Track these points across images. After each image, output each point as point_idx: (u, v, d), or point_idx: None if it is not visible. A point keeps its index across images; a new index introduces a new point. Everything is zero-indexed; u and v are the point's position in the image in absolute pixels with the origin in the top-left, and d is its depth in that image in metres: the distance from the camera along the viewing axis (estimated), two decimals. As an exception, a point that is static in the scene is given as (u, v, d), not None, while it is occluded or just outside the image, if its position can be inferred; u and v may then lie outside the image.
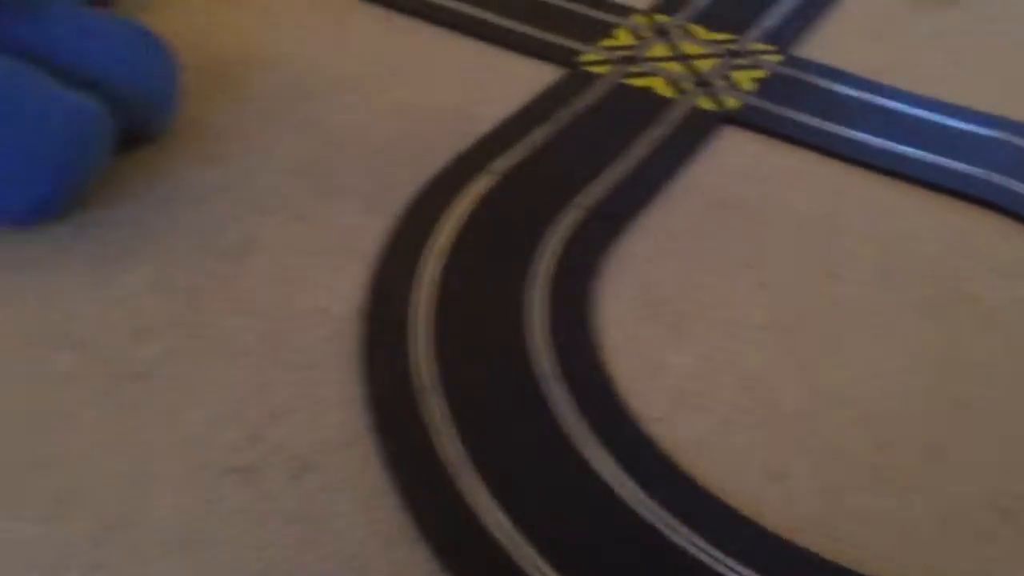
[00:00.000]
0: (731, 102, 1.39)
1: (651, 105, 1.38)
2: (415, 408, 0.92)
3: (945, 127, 1.38)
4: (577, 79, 1.42)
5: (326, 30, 1.52)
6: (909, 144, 1.33)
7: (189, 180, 1.19)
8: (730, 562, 0.81)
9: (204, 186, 1.18)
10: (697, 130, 1.34)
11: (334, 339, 0.99)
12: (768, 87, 1.43)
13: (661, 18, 1.59)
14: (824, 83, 1.46)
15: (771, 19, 1.61)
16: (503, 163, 1.24)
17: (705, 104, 1.39)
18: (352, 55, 1.44)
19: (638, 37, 1.53)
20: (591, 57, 1.47)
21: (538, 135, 1.30)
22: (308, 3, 1.59)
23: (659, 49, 1.50)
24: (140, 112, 1.18)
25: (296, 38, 1.48)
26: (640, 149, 1.29)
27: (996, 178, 1.28)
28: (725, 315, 1.06)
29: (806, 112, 1.38)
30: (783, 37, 1.56)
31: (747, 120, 1.36)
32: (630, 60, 1.47)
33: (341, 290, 1.05)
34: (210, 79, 1.36)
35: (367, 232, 1.12)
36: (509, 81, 1.42)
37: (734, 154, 1.31)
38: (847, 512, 0.87)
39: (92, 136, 1.08)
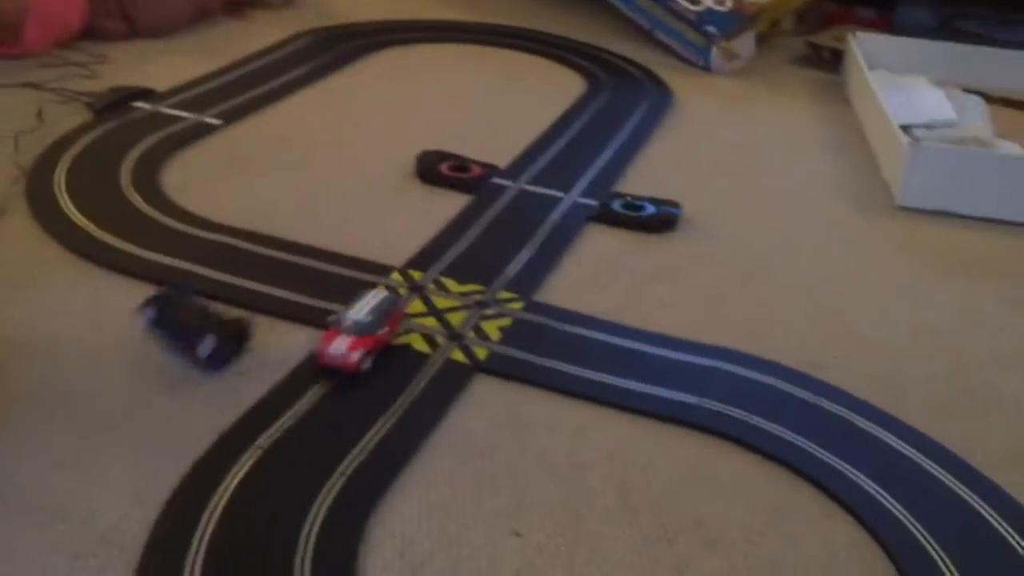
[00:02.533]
0: (481, 352, 1.53)
1: (409, 362, 1.49)
2: None
3: (670, 360, 1.56)
4: (338, 342, 1.52)
5: (82, 307, 1.56)
6: (642, 380, 1.50)
7: None
8: None
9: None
10: (451, 383, 1.46)
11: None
12: (513, 334, 1.58)
13: (415, 274, 1.73)
14: (563, 327, 1.62)
15: (513, 267, 1.78)
16: (268, 437, 1.30)
17: (458, 356, 1.51)
18: (106, 332, 1.48)
19: (395, 294, 1.66)
20: (351, 318, 1.58)
21: (303, 403, 1.38)
22: (60, 279, 1.63)
23: (415, 305, 1.64)
24: None
25: (53, 319, 1.51)
26: (400, 407, 1.39)
27: (715, 405, 1.45)
28: (480, 567, 1.15)
29: (549, 357, 1.54)
30: (524, 284, 1.73)
31: (496, 369, 1.50)
32: (388, 318, 1.59)
33: (106, 589, 1.07)
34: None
35: (132, 526, 1.15)
36: (271, 348, 1.50)
37: (486, 403, 1.43)
38: None
39: None
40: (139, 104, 2.29)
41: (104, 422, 1.32)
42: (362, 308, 1.48)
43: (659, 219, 2.00)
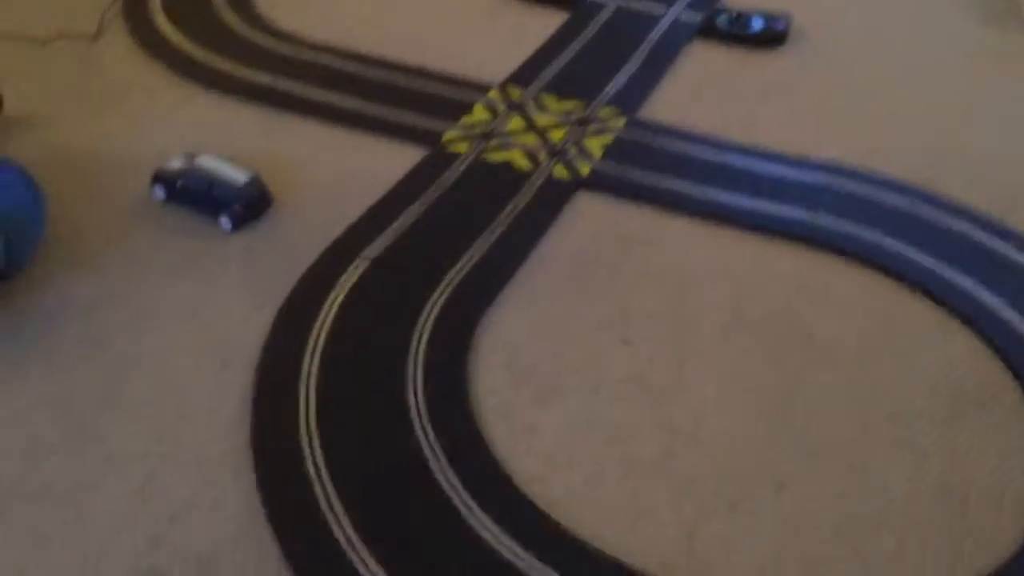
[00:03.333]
0: (583, 168, 1.50)
1: (510, 178, 1.48)
2: (306, 494, 0.98)
3: (778, 176, 1.51)
4: (439, 158, 1.51)
5: (184, 125, 1.57)
6: (748, 195, 1.46)
7: (71, 292, 1.23)
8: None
9: (87, 297, 1.23)
10: (554, 198, 1.44)
11: (226, 436, 1.05)
12: (616, 151, 1.54)
13: (514, 91, 1.69)
14: (667, 143, 1.58)
15: (615, 85, 1.73)
16: (375, 248, 1.31)
17: (560, 173, 1.49)
18: (218, 151, 1.49)
19: (494, 112, 1.63)
20: (451, 135, 1.56)
21: (406, 218, 1.38)
22: (161, 97, 1.64)
23: (514, 122, 1.61)
24: (12, 244, 1.20)
25: (161, 138, 1.53)
26: (503, 221, 1.38)
27: (826, 220, 1.41)
28: (589, 374, 1.16)
29: (653, 172, 1.50)
30: (627, 101, 1.68)
31: (599, 184, 1.47)
32: (488, 136, 1.57)
33: (229, 387, 1.10)
34: (77, 190, 1.40)
35: (251, 327, 1.18)
36: (374, 166, 1.49)
37: (589, 219, 1.42)
38: (706, 541, 0.97)
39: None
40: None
41: (215, 233, 1.34)
42: None
43: (767, 34, 1.90)
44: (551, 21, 1.94)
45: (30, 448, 1.03)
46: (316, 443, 1.03)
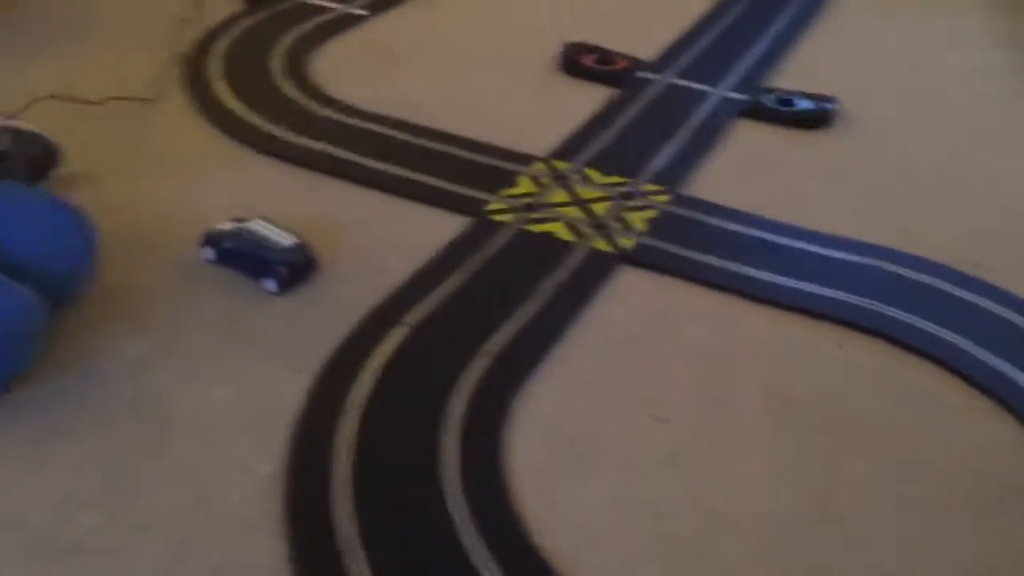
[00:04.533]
0: (626, 243, 1.51)
1: (552, 249, 1.49)
2: (338, 566, 0.97)
3: (824, 257, 1.51)
4: (483, 228, 1.53)
5: (235, 188, 1.60)
6: (792, 276, 1.45)
7: (119, 349, 1.25)
8: None
9: (133, 354, 1.24)
10: (595, 272, 1.45)
11: (260, 499, 1.05)
12: (659, 226, 1.55)
13: (559, 164, 1.71)
14: (711, 220, 1.58)
15: (659, 161, 1.74)
16: (416, 315, 1.32)
17: (602, 246, 1.50)
18: (268, 214, 1.52)
19: (539, 184, 1.65)
20: (496, 206, 1.58)
21: (448, 285, 1.39)
22: (215, 160, 1.68)
23: (558, 195, 1.62)
24: (59, 284, 1.23)
25: (213, 200, 1.56)
26: (543, 293, 1.39)
27: (866, 303, 1.40)
28: (626, 451, 1.15)
29: (696, 249, 1.50)
30: (672, 177, 1.69)
31: (641, 260, 1.48)
32: (531, 207, 1.58)
33: (266, 451, 1.11)
34: (131, 244, 1.43)
35: (289, 391, 1.19)
36: (419, 233, 1.51)
37: (631, 293, 1.42)
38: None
39: (32, 326, 1.14)
40: (288, -6, 2.32)
41: (260, 295, 1.36)
42: None
43: (813, 114, 1.91)
44: (598, 96, 1.97)
45: (66, 504, 1.04)
46: (349, 509, 1.03)
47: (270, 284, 1.36)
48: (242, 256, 1.37)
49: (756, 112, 1.93)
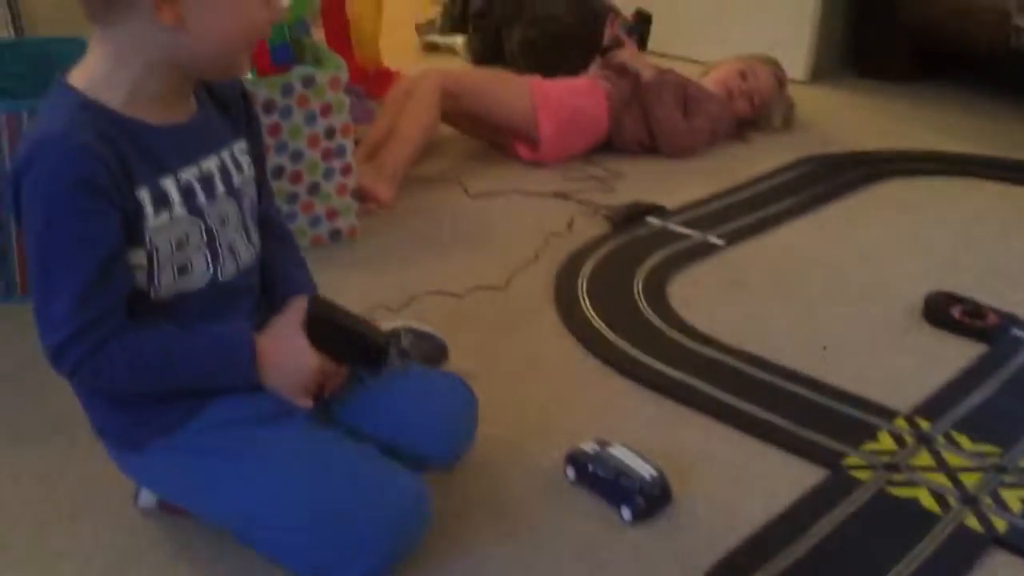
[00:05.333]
0: (999, 524, 1.40)
1: (916, 520, 1.41)
2: None
3: None
4: (842, 483, 1.48)
5: (599, 410, 1.67)
6: None
7: (483, 554, 1.33)
8: None
9: (492, 567, 1.31)
10: (963, 552, 1.36)
11: None
12: (1039, 509, 1.44)
13: (923, 423, 1.64)
14: (1100, 509, 1.45)
15: (1038, 433, 1.63)
16: (769, 570, 1.30)
17: (972, 523, 1.40)
18: (625, 436, 1.56)
19: (901, 442, 1.59)
20: (853, 460, 1.53)
21: (804, 542, 1.36)
22: (584, 382, 1.77)
23: (923, 458, 1.55)
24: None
25: (575, 414, 1.64)
26: (906, 567, 1.32)
27: None
28: None
29: (1083, 540, 1.37)
30: (1052, 454, 1.57)
31: (1017, 544, 1.37)
32: (893, 467, 1.52)
33: None
34: (495, 451, 1.52)
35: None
36: (771, 478, 1.50)
37: (1003, 582, 1.31)
38: None
39: (420, 517, 1.23)
40: (651, 219, 2.45)
41: (613, 522, 1.40)
42: None
43: None
44: (965, 352, 1.89)
45: None
46: None
47: (627, 513, 1.39)
48: (602, 481, 1.43)
49: None
